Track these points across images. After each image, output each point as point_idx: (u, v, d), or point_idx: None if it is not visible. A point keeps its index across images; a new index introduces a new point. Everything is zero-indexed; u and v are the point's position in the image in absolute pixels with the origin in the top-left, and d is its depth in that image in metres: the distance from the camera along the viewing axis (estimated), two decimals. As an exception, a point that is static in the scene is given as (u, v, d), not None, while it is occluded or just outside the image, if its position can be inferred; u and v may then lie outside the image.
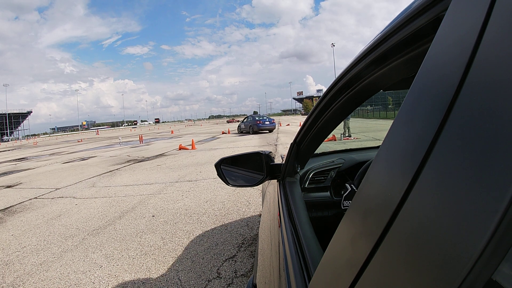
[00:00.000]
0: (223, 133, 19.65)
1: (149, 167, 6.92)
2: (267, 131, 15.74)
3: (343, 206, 1.09)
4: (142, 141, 17.04)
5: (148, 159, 8.55)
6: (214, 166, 1.18)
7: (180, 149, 10.39)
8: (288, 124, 25.68)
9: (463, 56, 0.22)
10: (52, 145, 23.51)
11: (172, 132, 28.44)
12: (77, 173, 6.96)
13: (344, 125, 10.29)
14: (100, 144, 18.52)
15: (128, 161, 8.35)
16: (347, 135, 10.17)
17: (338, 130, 9.96)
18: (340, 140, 9.54)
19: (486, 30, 0.20)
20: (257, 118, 15.71)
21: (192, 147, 10.41)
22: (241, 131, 17.33)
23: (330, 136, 9.72)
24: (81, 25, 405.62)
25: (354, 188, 1.09)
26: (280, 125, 25.96)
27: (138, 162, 8.06)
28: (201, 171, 5.90)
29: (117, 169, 7.15)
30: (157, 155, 9.23)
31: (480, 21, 0.21)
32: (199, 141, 13.84)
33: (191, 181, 5.11)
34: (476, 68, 0.21)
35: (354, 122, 10.48)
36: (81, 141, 26.71)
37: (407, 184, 0.24)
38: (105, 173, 6.70)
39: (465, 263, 0.17)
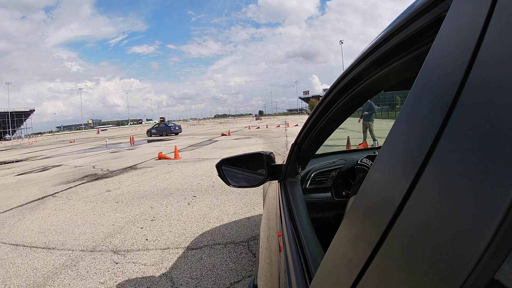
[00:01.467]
0: (222, 134, 17.42)
1: (92, 195, 4.77)
2: (174, 134, 21.51)
3: (360, 162, 1.15)
4: (132, 143, 16.12)
5: (110, 174, 6.52)
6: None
7: (159, 159, 7.91)
8: (297, 125, 23.28)
9: (464, 57, 0.22)
10: (44, 146, 22.03)
11: None
12: (4, 198, 5.13)
13: (366, 128, 7.59)
14: (86, 147, 16.83)
15: (82, 178, 6.37)
16: (372, 140, 7.70)
17: (355, 133, 8.42)
18: (374, 146, 6.99)
19: (487, 30, 0.20)
20: (169, 125, 22.08)
21: (174, 156, 7.96)
22: (151, 135, 22.16)
23: (361, 142, 7.04)
24: (87, 25, 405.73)
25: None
26: (288, 126, 23.52)
27: (92, 180, 6.03)
28: (155, 216, 3.46)
29: (53, 193, 5.07)
30: (125, 168, 7.23)
31: (481, 21, 0.21)
32: (190, 146, 11.92)
33: (118, 252, 2.57)
34: (477, 68, 0.21)
35: (379, 124, 7.90)
36: (74, 141, 25.32)
37: (409, 185, 0.24)
38: (32, 201, 4.69)
39: (467, 262, 0.17)
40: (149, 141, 17.08)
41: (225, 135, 17.27)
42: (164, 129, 21.36)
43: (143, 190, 4.76)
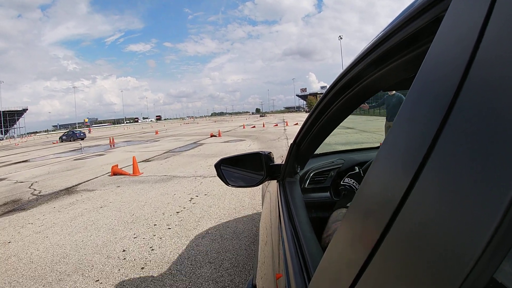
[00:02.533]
0: (211, 136, 15.29)
1: None
2: (81, 140, 24.98)
3: (343, 182, 1.12)
4: (113, 145, 15.13)
5: (32, 203, 4.73)
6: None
7: (113, 175, 5.90)
8: (297, 123, 21.15)
9: (464, 56, 0.22)
10: (26, 148, 21.12)
11: (156, 132, 24.63)
12: None
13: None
14: (61, 149, 15.49)
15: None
16: None
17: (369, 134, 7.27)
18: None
19: (486, 30, 0.20)
20: (75, 132, 27.49)
21: (133, 172, 6.05)
22: (62, 141, 26.22)
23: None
24: (84, 23, 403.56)
25: (361, 173, 1.13)
26: (287, 125, 21.46)
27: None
28: None
29: None
30: (60, 191, 5.35)
31: (480, 21, 0.21)
32: (168, 152, 9.80)
33: None
34: (476, 68, 0.21)
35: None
36: (56, 142, 25.02)
37: (408, 184, 0.23)
38: None
39: (466, 262, 0.17)
40: (127, 144, 15.41)
41: (215, 136, 15.15)
42: (72, 136, 26.51)
43: (25, 260, 2.63)
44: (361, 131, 11.06)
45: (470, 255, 0.17)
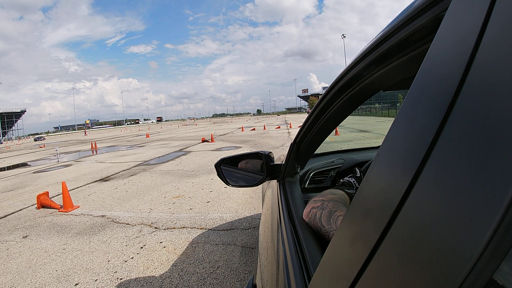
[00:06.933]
0: (203, 141, 13.43)
1: None
2: None
3: (343, 180, 1.05)
4: (95, 150, 13.89)
5: None
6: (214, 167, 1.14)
7: (41, 207, 4.20)
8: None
9: (463, 56, 0.22)
10: (12, 152, 20.46)
11: (147, 135, 23.17)
12: None
13: None
14: (37, 156, 14.35)
15: None
16: None
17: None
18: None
19: (486, 30, 0.20)
20: None
21: (64, 205, 4.16)
22: None
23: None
24: (85, 25, 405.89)
25: (362, 175, 1.08)
26: (290, 127, 19.61)
27: None
28: None
29: None
30: None
31: (480, 21, 0.21)
32: (141, 164, 8.00)
33: None
34: (476, 68, 0.20)
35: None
36: (44, 146, 23.90)
37: (407, 184, 0.23)
38: None
39: (465, 263, 0.17)
40: (108, 150, 13.72)
41: (207, 141, 13.26)
42: None
43: None
44: (381, 134, 9.21)
45: (470, 256, 0.17)
